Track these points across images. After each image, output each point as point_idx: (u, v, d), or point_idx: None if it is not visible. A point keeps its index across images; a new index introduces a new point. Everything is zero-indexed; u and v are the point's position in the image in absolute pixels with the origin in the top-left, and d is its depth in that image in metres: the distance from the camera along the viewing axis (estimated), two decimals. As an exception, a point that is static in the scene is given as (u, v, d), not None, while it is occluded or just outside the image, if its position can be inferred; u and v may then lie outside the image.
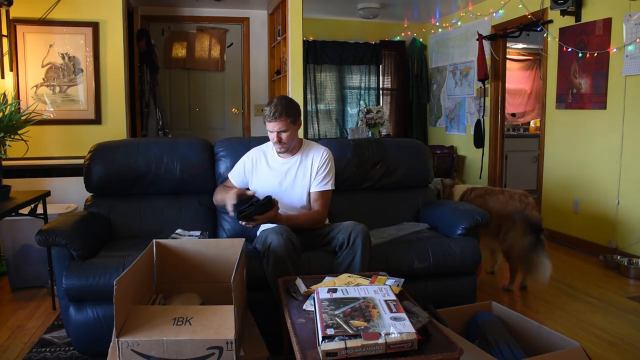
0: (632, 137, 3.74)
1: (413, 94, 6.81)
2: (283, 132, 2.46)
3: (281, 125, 2.43)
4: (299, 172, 2.56)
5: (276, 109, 2.42)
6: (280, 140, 2.47)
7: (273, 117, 2.42)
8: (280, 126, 2.43)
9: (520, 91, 7.64)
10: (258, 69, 5.90)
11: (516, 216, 3.13)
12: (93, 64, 4.00)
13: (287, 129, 2.45)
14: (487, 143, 5.52)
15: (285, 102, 2.46)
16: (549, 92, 4.55)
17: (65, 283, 2.24)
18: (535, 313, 2.88)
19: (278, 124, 2.43)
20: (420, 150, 3.23)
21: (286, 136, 2.47)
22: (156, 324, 1.65)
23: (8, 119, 2.52)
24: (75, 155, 3.76)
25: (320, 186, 2.55)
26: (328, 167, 2.58)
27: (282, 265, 2.23)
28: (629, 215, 3.80)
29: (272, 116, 2.42)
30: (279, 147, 2.52)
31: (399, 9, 6.00)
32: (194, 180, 2.85)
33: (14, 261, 3.19)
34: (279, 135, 2.46)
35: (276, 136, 2.46)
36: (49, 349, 2.43)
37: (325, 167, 2.56)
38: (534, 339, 2.04)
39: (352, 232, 2.32)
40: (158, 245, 2.09)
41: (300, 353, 1.49)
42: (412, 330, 1.49)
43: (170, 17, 5.70)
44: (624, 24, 3.70)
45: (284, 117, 2.42)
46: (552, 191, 4.58)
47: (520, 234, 3.08)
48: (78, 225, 2.41)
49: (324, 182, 2.56)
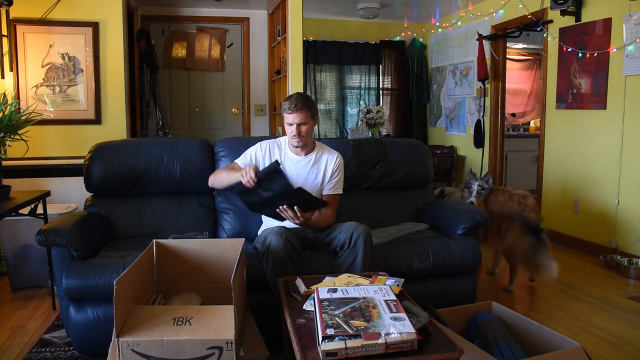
0: (632, 137, 3.74)
1: (413, 94, 6.81)
2: (303, 125, 2.45)
3: (302, 117, 2.43)
4: (311, 172, 2.56)
5: (297, 101, 2.42)
6: (300, 132, 2.46)
7: (295, 108, 2.42)
8: (300, 118, 2.43)
9: (520, 91, 7.64)
10: (258, 69, 5.90)
11: (514, 217, 3.14)
12: (93, 64, 4.00)
13: (306, 122, 2.46)
14: (487, 143, 5.52)
15: (305, 97, 2.49)
16: (549, 92, 4.56)
17: (65, 283, 2.24)
18: (535, 313, 2.88)
19: (299, 115, 2.42)
20: (420, 150, 3.23)
21: (305, 129, 2.47)
22: (156, 324, 1.65)
23: (8, 119, 2.52)
24: (75, 155, 3.77)
25: (333, 190, 2.58)
26: (341, 172, 2.61)
27: (281, 265, 2.23)
28: (629, 215, 3.80)
29: (295, 107, 2.42)
30: (298, 141, 2.49)
31: (399, 9, 6.00)
32: (194, 180, 2.85)
33: (14, 261, 3.19)
34: (299, 128, 2.45)
35: (296, 128, 2.45)
36: (49, 349, 2.43)
37: (339, 171, 2.59)
38: (534, 339, 2.04)
39: (354, 233, 2.32)
40: (158, 245, 2.09)
41: (300, 353, 1.49)
42: (412, 330, 1.49)
43: (170, 17, 5.70)
44: (624, 24, 3.70)
45: (305, 109, 2.43)
46: (552, 191, 4.58)
47: (519, 235, 3.09)
48: (78, 225, 2.41)
49: (337, 187, 2.59)
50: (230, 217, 2.84)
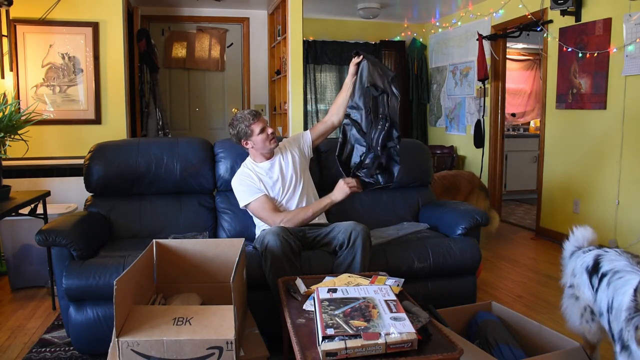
0: (632, 137, 3.74)
1: (413, 94, 6.81)
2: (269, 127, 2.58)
3: (265, 120, 2.57)
4: (289, 161, 2.64)
5: (254, 110, 2.58)
6: (273, 132, 2.56)
7: (258, 115, 2.55)
8: (265, 121, 2.56)
9: (520, 91, 7.64)
10: (258, 69, 5.90)
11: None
12: (93, 64, 4.00)
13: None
14: (487, 143, 5.52)
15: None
16: (549, 92, 4.55)
17: (65, 283, 2.24)
18: (535, 313, 2.88)
19: (263, 119, 2.55)
20: (420, 150, 3.23)
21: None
22: (156, 324, 1.65)
23: (8, 119, 2.52)
24: (75, 155, 3.77)
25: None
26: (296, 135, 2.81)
27: (279, 265, 2.23)
28: (629, 215, 3.80)
29: (257, 114, 2.54)
30: (274, 142, 2.57)
31: (399, 9, 5.99)
32: (194, 180, 2.85)
33: (14, 261, 3.19)
34: (269, 127, 2.55)
35: (269, 128, 2.54)
36: (49, 349, 2.43)
37: (294, 135, 2.82)
38: (534, 339, 2.04)
39: (353, 232, 2.32)
40: (158, 245, 2.09)
41: (300, 353, 1.49)
42: (412, 330, 1.49)
43: (170, 17, 5.70)
44: (624, 24, 3.70)
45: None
46: (552, 191, 4.58)
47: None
48: (78, 225, 2.41)
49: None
50: (230, 217, 2.84)
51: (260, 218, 2.53)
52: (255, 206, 2.51)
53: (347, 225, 2.38)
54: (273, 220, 2.45)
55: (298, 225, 2.45)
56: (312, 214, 2.45)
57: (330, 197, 2.44)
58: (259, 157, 2.62)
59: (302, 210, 2.48)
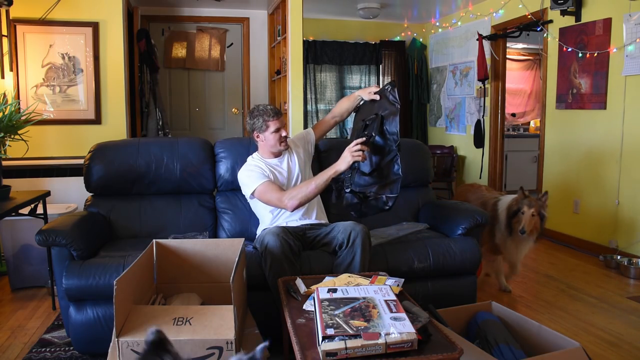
0: (632, 137, 3.74)
1: (413, 94, 6.81)
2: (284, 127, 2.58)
3: (282, 120, 2.55)
4: (296, 164, 2.64)
5: (275, 108, 2.55)
6: (286, 136, 2.57)
7: (280, 114, 2.54)
8: (282, 121, 2.55)
9: (520, 91, 7.64)
10: (258, 69, 5.90)
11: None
12: (93, 64, 4.00)
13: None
14: (487, 143, 5.52)
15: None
16: (549, 92, 4.55)
17: (65, 283, 2.23)
18: (535, 313, 2.88)
19: (281, 119, 2.54)
20: (420, 150, 3.23)
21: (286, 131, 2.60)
22: (156, 324, 1.64)
23: (8, 119, 2.52)
24: (75, 155, 3.77)
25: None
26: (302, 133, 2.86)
27: (278, 265, 2.23)
28: (629, 215, 3.80)
29: (279, 113, 2.54)
30: (284, 145, 2.59)
31: (399, 9, 6.00)
32: (194, 180, 2.85)
33: (14, 261, 3.19)
34: (285, 129, 2.57)
35: (284, 130, 2.55)
36: (49, 349, 2.43)
37: (300, 133, 2.85)
38: (534, 339, 2.04)
39: (352, 232, 2.32)
40: (158, 245, 2.09)
41: (300, 353, 1.49)
42: (412, 330, 1.49)
43: (170, 17, 5.70)
44: (624, 24, 3.70)
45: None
46: (552, 191, 4.56)
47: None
48: (78, 225, 2.41)
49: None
50: (230, 217, 2.84)
51: (267, 201, 2.49)
52: (261, 189, 2.47)
53: (346, 225, 2.38)
54: (279, 199, 2.41)
55: (304, 201, 2.40)
56: (314, 187, 2.37)
57: (335, 168, 2.35)
58: (267, 154, 2.62)
59: (305, 185, 2.41)
